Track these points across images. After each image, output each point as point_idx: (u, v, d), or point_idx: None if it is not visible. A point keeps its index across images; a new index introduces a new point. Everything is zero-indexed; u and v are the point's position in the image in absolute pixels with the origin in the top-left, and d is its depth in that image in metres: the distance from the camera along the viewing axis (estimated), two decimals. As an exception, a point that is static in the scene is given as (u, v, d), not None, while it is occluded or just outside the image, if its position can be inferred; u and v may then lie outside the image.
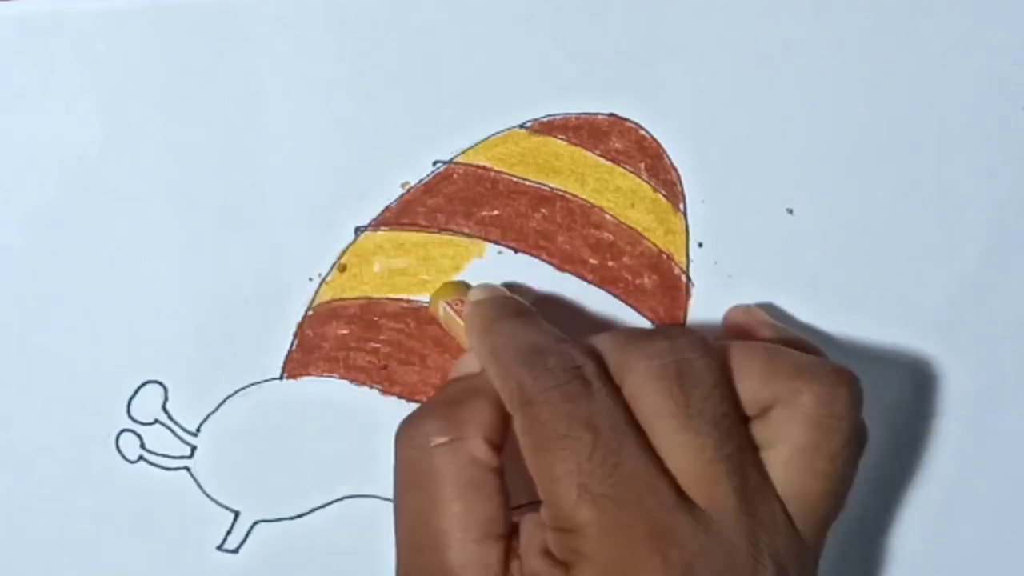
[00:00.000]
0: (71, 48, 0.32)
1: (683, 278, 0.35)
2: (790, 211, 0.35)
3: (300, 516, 0.35)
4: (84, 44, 0.32)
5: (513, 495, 0.30)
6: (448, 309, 0.33)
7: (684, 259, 0.35)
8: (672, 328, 0.31)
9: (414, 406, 0.35)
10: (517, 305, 0.32)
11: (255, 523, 0.35)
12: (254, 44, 0.32)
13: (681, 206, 0.34)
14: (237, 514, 0.35)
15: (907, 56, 0.34)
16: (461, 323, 0.33)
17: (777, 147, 0.34)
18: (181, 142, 0.33)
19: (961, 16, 0.34)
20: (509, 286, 0.34)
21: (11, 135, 0.32)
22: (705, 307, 0.35)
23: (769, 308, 0.35)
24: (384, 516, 0.35)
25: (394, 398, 0.35)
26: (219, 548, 0.35)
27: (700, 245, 0.35)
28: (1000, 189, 0.35)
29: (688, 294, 0.35)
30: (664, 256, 0.35)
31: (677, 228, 0.35)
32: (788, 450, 0.29)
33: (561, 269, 0.34)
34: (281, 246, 0.34)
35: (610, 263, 0.35)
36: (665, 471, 0.28)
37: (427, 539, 0.29)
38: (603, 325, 0.35)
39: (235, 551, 0.35)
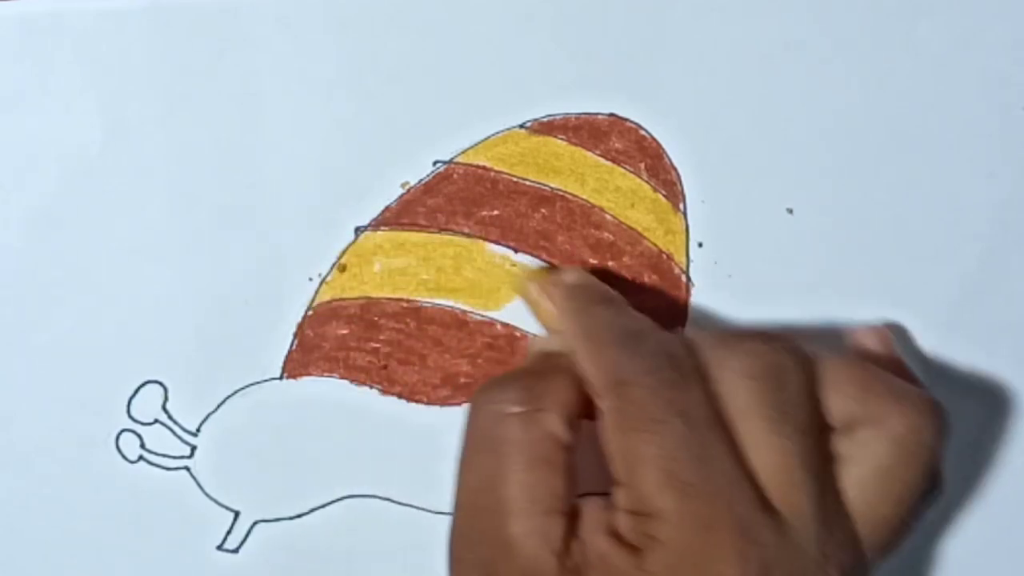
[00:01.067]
0: (71, 48, 0.32)
1: (683, 278, 0.35)
2: (790, 211, 0.35)
3: (300, 516, 0.35)
4: (84, 44, 0.32)
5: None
6: (539, 290, 0.33)
7: (684, 259, 0.35)
8: (769, 331, 0.31)
9: (414, 406, 0.35)
10: (609, 292, 0.33)
11: (255, 523, 0.35)
12: (254, 44, 0.32)
13: (681, 206, 0.34)
14: (237, 514, 0.35)
15: (907, 56, 0.34)
16: (550, 303, 0.33)
17: (777, 147, 0.34)
18: (181, 142, 0.33)
19: (961, 16, 0.34)
20: None
21: (11, 135, 0.32)
22: (705, 307, 0.35)
23: (898, 331, 0.35)
24: (385, 516, 0.35)
25: (394, 398, 0.35)
26: (219, 548, 0.35)
27: (700, 245, 0.35)
28: (1000, 189, 0.35)
29: (688, 294, 0.35)
30: (664, 256, 0.35)
31: (677, 228, 0.35)
32: (867, 470, 0.29)
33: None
34: (281, 246, 0.34)
35: (610, 263, 0.35)
36: (748, 472, 0.28)
37: (491, 504, 0.29)
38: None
39: (235, 551, 0.35)
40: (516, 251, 0.34)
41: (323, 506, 0.35)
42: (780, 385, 0.29)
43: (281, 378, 0.35)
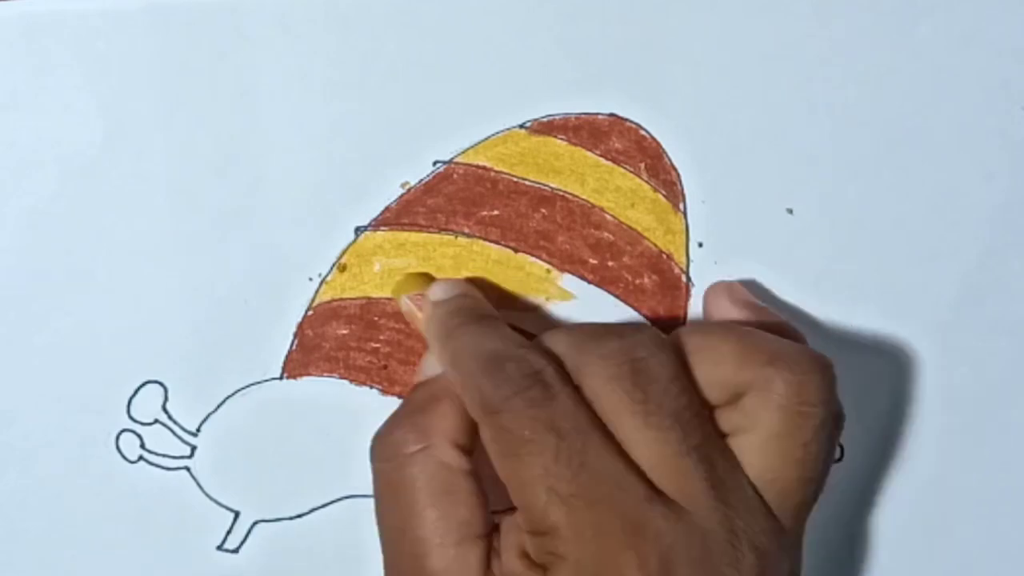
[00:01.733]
0: (71, 48, 0.32)
1: (683, 278, 0.35)
2: (790, 211, 0.35)
3: (300, 516, 0.35)
4: (84, 44, 0.32)
5: (496, 499, 0.30)
6: (410, 304, 0.33)
7: (684, 259, 0.35)
8: (625, 326, 0.31)
9: (414, 406, 0.35)
10: (474, 307, 0.32)
11: (255, 523, 0.35)
12: (254, 44, 0.32)
13: (681, 206, 0.34)
14: (237, 514, 0.35)
15: (907, 56, 0.34)
16: (422, 319, 0.33)
17: (777, 147, 0.34)
18: (181, 142, 0.33)
19: (961, 16, 0.34)
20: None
21: (11, 135, 0.32)
22: (705, 307, 0.35)
23: (752, 285, 0.34)
24: (384, 516, 0.35)
25: (394, 398, 0.35)
26: (219, 548, 0.35)
27: (700, 245, 0.35)
28: (1000, 189, 0.35)
29: (688, 294, 0.35)
30: (664, 256, 0.35)
31: (677, 228, 0.35)
32: (761, 437, 0.29)
33: (561, 269, 0.34)
34: (281, 246, 0.34)
35: (610, 263, 0.35)
36: (633, 467, 0.28)
37: (408, 547, 0.30)
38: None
39: (235, 551, 0.35)
40: (516, 251, 0.34)
41: (323, 506, 0.35)
42: (642, 380, 0.28)
43: (281, 378, 0.35)
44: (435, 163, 0.34)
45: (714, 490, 0.28)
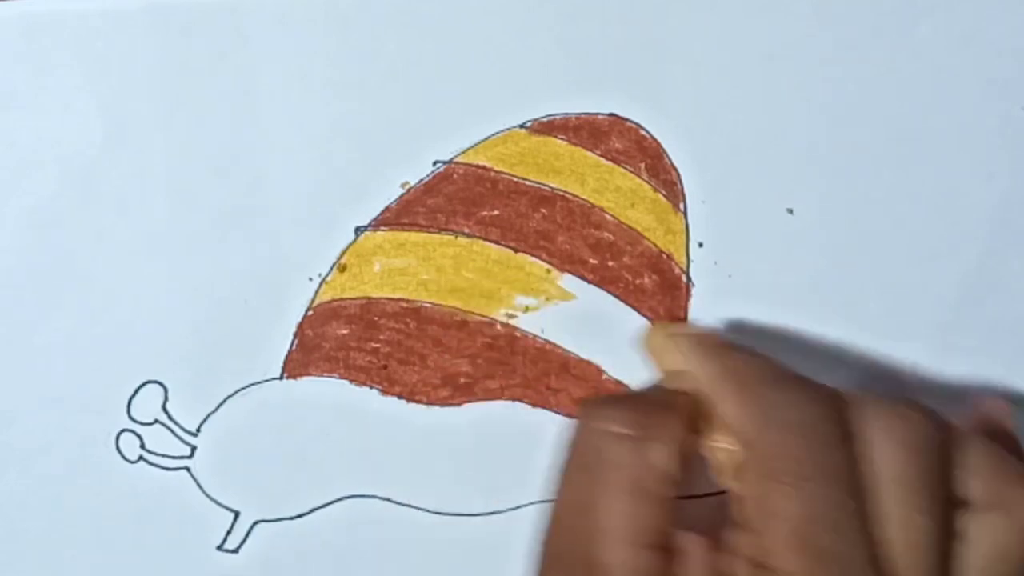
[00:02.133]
0: (71, 48, 0.32)
1: (683, 278, 0.35)
2: (790, 211, 0.35)
3: (300, 516, 0.35)
4: (84, 44, 0.32)
5: None
6: (662, 335, 0.33)
7: (684, 259, 0.35)
8: (915, 401, 0.31)
9: (414, 406, 0.35)
10: (743, 345, 0.32)
11: (255, 523, 0.35)
12: (254, 44, 0.32)
13: (681, 206, 0.34)
14: (237, 514, 0.35)
15: (907, 56, 0.34)
16: (676, 349, 0.32)
17: (777, 147, 0.34)
18: (181, 142, 0.33)
19: (961, 16, 0.34)
20: None
21: (11, 135, 0.32)
22: (705, 307, 0.35)
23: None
24: (385, 516, 0.35)
25: (394, 398, 0.35)
26: (219, 548, 0.35)
27: (700, 245, 0.35)
28: (1000, 189, 0.35)
29: (688, 294, 0.35)
30: (664, 256, 0.35)
31: (677, 228, 0.35)
32: (989, 553, 0.29)
33: (561, 269, 0.35)
34: (281, 246, 0.34)
35: (610, 263, 0.35)
36: (877, 540, 0.28)
37: (585, 524, 0.29)
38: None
39: (235, 551, 0.35)
40: (516, 251, 0.34)
41: (323, 506, 0.35)
42: (928, 457, 0.28)
43: (281, 378, 0.35)
44: (435, 163, 0.34)
45: None
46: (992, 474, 0.29)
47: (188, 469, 0.35)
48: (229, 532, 0.35)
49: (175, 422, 0.34)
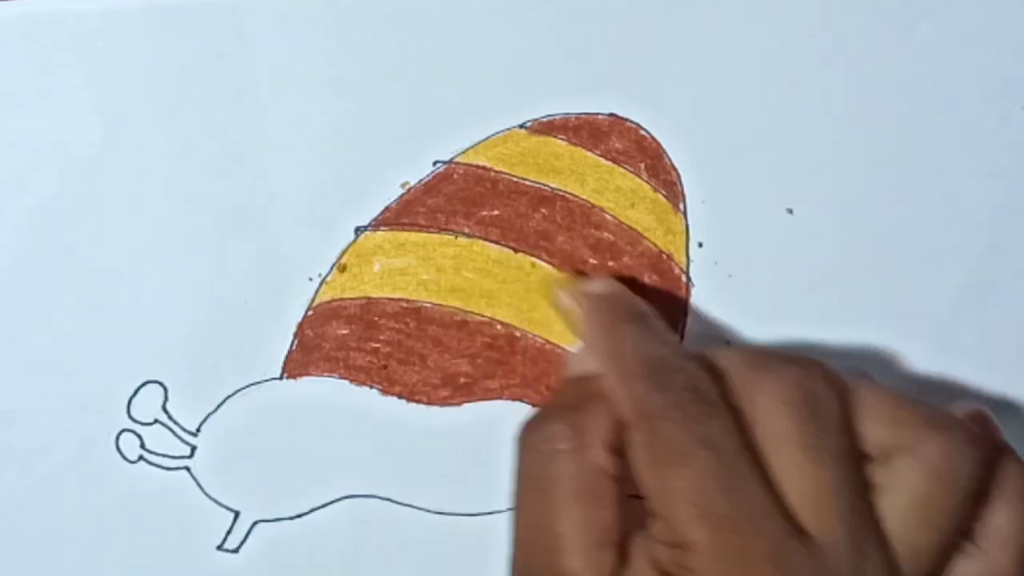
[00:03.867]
0: (71, 48, 0.32)
1: (683, 278, 0.35)
2: (790, 211, 0.35)
3: (300, 516, 0.35)
4: (84, 44, 0.32)
5: None
6: (569, 298, 0.33)
7: (684, 259, 0.35)
8: (803, 357, 0.31)
9: (414, 406, 0.35)
10: (637, 306, 0.32)
11: (255, 523, 0.35)
12: (254, 44, 0.32)
13: (681, 206, 0.34)
14: (237, 514, 0.35)
15: (907, 56, 0.34)
16: (578, 313, 0.33)
17: (777, 147, 0.34)
18: (181, 142, 0.33)
19: (961, 16, 0.34)
20: None
21: (11, 135, 0.32)
22: (705, 307, 0.35)
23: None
24: (385, 516, 0.35)
25: (394, 398, 0.35)
26: (219, 548, 0.35)
27: (700, 245, 0.35)
28: (1000, 189, 0.35)
29: (688, 294, 0.35)
30: (664, 256, 0.35)
31: (677, 228, 0.35)
32: (904, 498, 0.29)
33: (561, 269, 0.34)
34: (281, 246, 0.34)
35: (610, 263, 0.35)
36: (780, 497, 0.28)
37: (545, 541, 0.29)
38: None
39: (235, 551, 0.35)
40: (516, 251, 0.34)
41: (323, 506, 0.35)
42: (815, 412, 0.28)
43: (281, 378, 0.35)
44: (435, 163, 0.34)
45: (855, 537, 0.28)
46: (891, 419, 0.29)
47: (188, 469, 0.35)
48: (229, 532, 0.35)
49: (175, 422, 0.34)
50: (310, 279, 0.34)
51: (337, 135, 0.33)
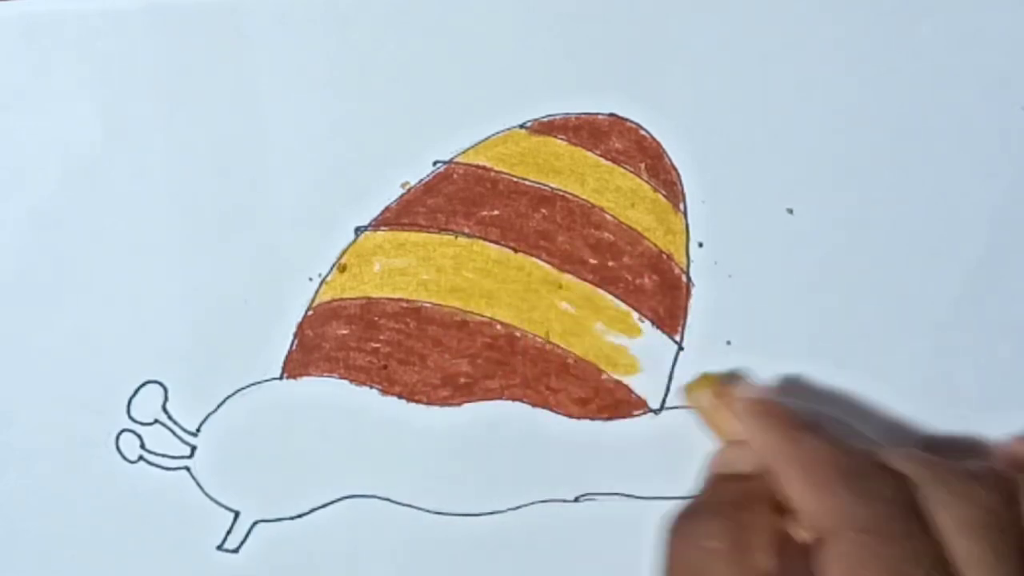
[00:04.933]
0: (71, 48, 0.32)
1: (683, 278, 0.35)
2: (790, 211, 0.35)
3: (300, 516, 0.35)
4: (84, 44, 0.32)
5: None
6: (714, 399, 0.33)
7: (684, 259, 0.35)
8: (980, 470, 0.31)
9: (414, 406, 0.35)
10: (809, 416, 0.32)
11: (255, 523, 0.35)
12: (254, 44, 0.32)
13: (681, 206, 0.34)
14: (237, 514, 0.35)
15: (907, 56, 0.34)
16: (727, 414, 0.33)
17: (777, 147, 0.34)
18: (181, 142, 0.33)
19: (961, 16, 0.34)
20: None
21: (11, 134, 0.32)
22: (705, 307, 0.35)
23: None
24: (385, 516, 0.35)
25: (394, 398, 0.35)
26: (219, 548, 0.35)
27: (700, 245, 0.35)
28: (1000, 189, 0.35)
29: (688, 294, 0.35)
30: (664, 256, 0.35)
31: (677, 228, 0.35)
32: None
33: (561, 269, 0.34)
34: (281, 246, 0.34)
35: (610, 263, 0.35)
36: None
37: None
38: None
39: (235, 551, 0.35)
40: (516, 251, 0.34)
41: (323, 506, 0.35)
42: (1000, 532, 0.29)
43: (281, 378, 0.35)
44: (435, 163, 0.34)
45: None
46: None
47: (188, 469, 0.35)
48: (229, 532, 0.35)
49: (175, 422, 0.34)
50: (310, 279, 0.34)
51: (337, 135, 0.33)
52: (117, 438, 0.34)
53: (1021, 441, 0.35)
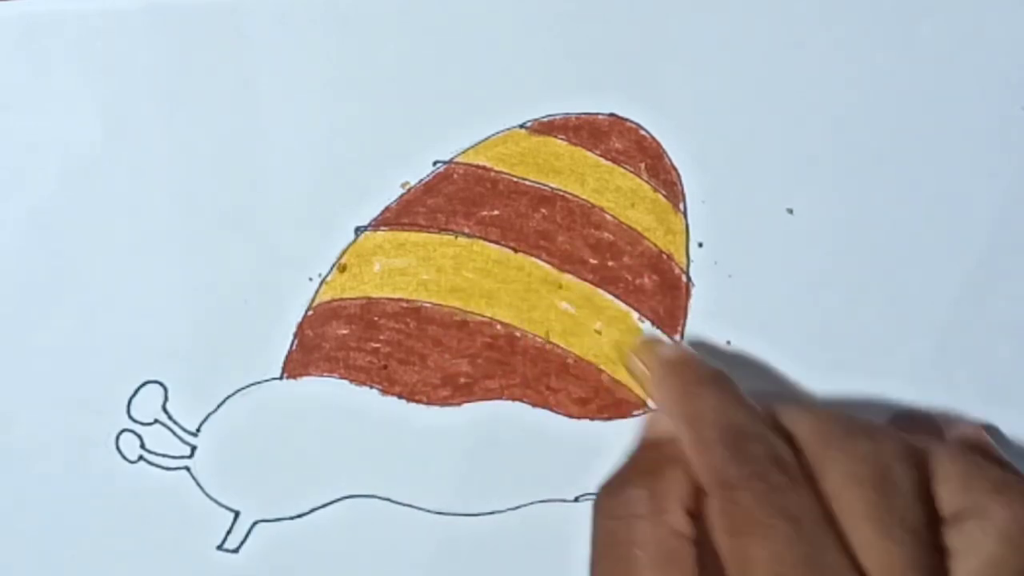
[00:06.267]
0: (71, 48, 0.32)
1: (683, 278, 0.35)
2: (790, 211, 0.35)
3: (300, 516, 0.35)
4: (84, 44, 0.32)
5: None
6: (639, 363, 0.34)
7: (684, 259, 0.35)
8: (875, 427, 0.31)
9: (414, 406, 0.35)
10: (713, 371, 0.33)
11: (255, 523, 0.35)
12: (254, 44, 0.32)
13: (681, 206, 0.34)
14: (237, 514, 0.35)
15: (907, 56, 0.34)
16: (651, 376, 0.33)
17: (777, 147, 0.34)
18: (181, 142, 0.33)
19: (961, 16, 0.34)
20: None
21: (11, 134, 0.32)
22: (705, 307, 0.35)
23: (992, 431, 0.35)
24: (385, 516, 0.35)
25: (394, 398, 0.35)
26: (219, 548, 0.35)
27: (700, 245, 0.35)
28: (1000, 189, 0.35)
29: (688, 294, 0.35)
30: (664, 256, 0.35)
31: (677, 228, 0.35)
32: (976, 563, 0.29)
33: (561, 269, 0.35)
34: (281, 246, 0.34)
35: (610, 263, 0.35)
36: (857, 569, 0.28)
37: None
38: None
39: (235, 551, 0.35)
40: (516, 251, 0.34)
41: (323, 506, 0.35)
42: (889, 488, 0.29)
43: (281, 378, 0.35)
44: (435, 163, 0.34)
45: None
46: (962, 483, 0.30)
47: (188, 469, 0.35)
48: (229, 532, 0.35)
49: (175, 422, 0.35)
50: (310, 279, 0.34)
51: (337, 135, 0.33)
52: (117, 438, 0.34)
53: (978, 428, 0.34)
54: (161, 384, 0.34)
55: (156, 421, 0.34)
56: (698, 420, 0.31)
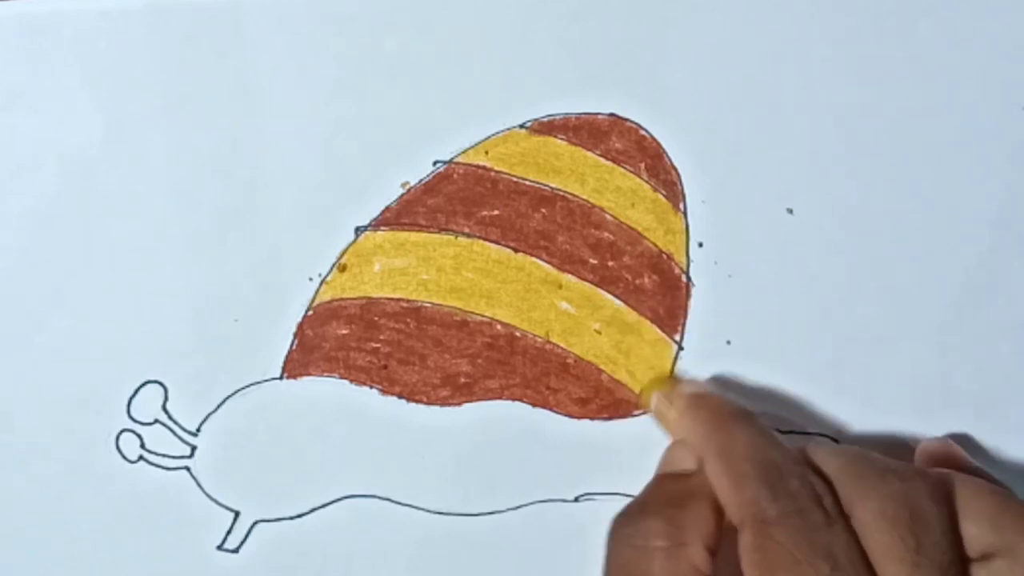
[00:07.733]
0: (71, 48, 0.32)
1: (683, 278, 0.35)
2: (790, 211, 0.35)
3: (300, 516, 0.35)
4: (84, 44, 0.32)
5: None
6: (661, 400, 0.34)
7: (684, 259, 0.35)
8: (904, 467, 0.31)
9: (414, 406, 0.35)
10: (741, 407, 0.33)
11: (255, 523, 0.35)
12: (254, 44, 0.32)
13: (681, 206, 0.34)
14: (237, 514, 0.35)
15: (907, 56, 0.34)
16: (673, 415, 0.33)
17: (777, 147, 0.34)
18: (181, 142, 0.33)
19: (961, 16, 0.34)
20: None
21: (11, 134, 0.32)
22: (705, 307, 0.35)
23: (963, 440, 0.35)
24: (385, 516, 0.35)
25: (394, 398, 0.35)
26: (219, 548, 0.35)
27: (700, 245, 0.35)
28: (1000, 189, 0.35)
29: (688, 294, 0.35)
30: (664, 256, 0.35)
31: (677, 228, 0.35)
32: None
33: (561, 269, 0.35)
34: (281, 246, 0.34)
35: (610, 263, 0.35)
36: None
37: None
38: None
39: (235, 551, 0.35)
40: (516, 251, 0.34)
41: (323, 506, 0.35)
42: (919, 529, 0.29)
43: (281, 378, 0.35)
44: (435, 163, 0.34)
45: None
46: (991, 520, 0.30)
47: (188, 469, 0.35)
48: (229, 532, 0.35)
49: (175, 422, 0.35)
50: (310, 279, 0.34)
51: (337, 135, 0.33)
52: (117, 438, 0.34)
53: (946, 443, 0.34)
54: (161, 384, 0.34)
55: (156, 421, 0.34)
56: (730, 454, 0.30)
